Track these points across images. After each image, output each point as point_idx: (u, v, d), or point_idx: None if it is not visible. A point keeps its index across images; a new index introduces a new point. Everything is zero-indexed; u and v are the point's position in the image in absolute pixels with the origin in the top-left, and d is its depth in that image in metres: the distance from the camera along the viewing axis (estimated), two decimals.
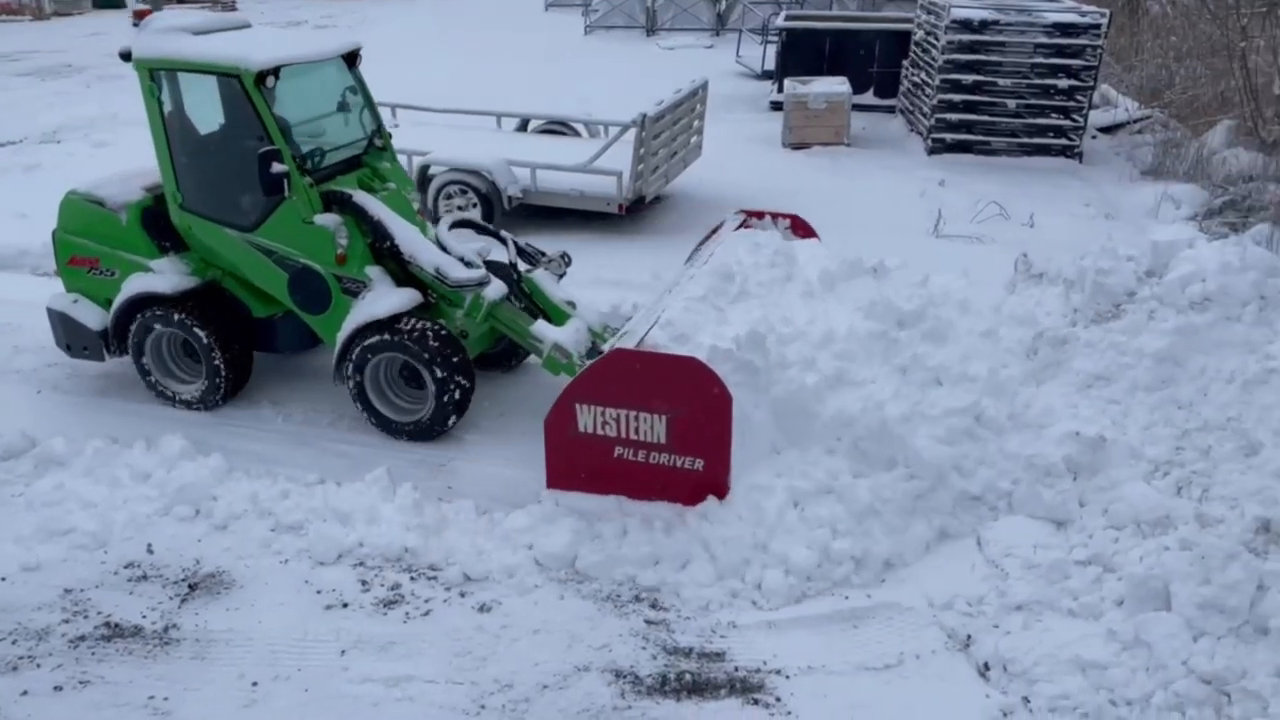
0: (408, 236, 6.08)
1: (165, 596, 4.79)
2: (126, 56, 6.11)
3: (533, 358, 6.46)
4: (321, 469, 5.75)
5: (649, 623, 4.59)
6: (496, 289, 6.15)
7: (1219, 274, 5.30)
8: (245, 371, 6.55)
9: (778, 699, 4.12)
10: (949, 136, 12.83)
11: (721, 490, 5.07)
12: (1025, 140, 12.76)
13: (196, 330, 6.21)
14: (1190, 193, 10.53)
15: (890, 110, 15.43)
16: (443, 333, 5.91)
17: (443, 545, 5.07)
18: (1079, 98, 12.59)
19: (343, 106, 6.57)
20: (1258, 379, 4.93)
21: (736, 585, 4.76)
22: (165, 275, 6.31)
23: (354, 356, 5.97)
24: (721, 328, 5.48)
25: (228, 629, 4.57)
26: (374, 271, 6.09)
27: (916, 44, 14.32)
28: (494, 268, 6.37)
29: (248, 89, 5.73)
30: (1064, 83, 12.56)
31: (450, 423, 6.03)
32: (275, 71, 5.78)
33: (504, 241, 6.57)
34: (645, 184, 9.62)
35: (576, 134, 11.44)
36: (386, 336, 5.86)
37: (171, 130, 6.16)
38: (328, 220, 5.97)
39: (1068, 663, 4.07)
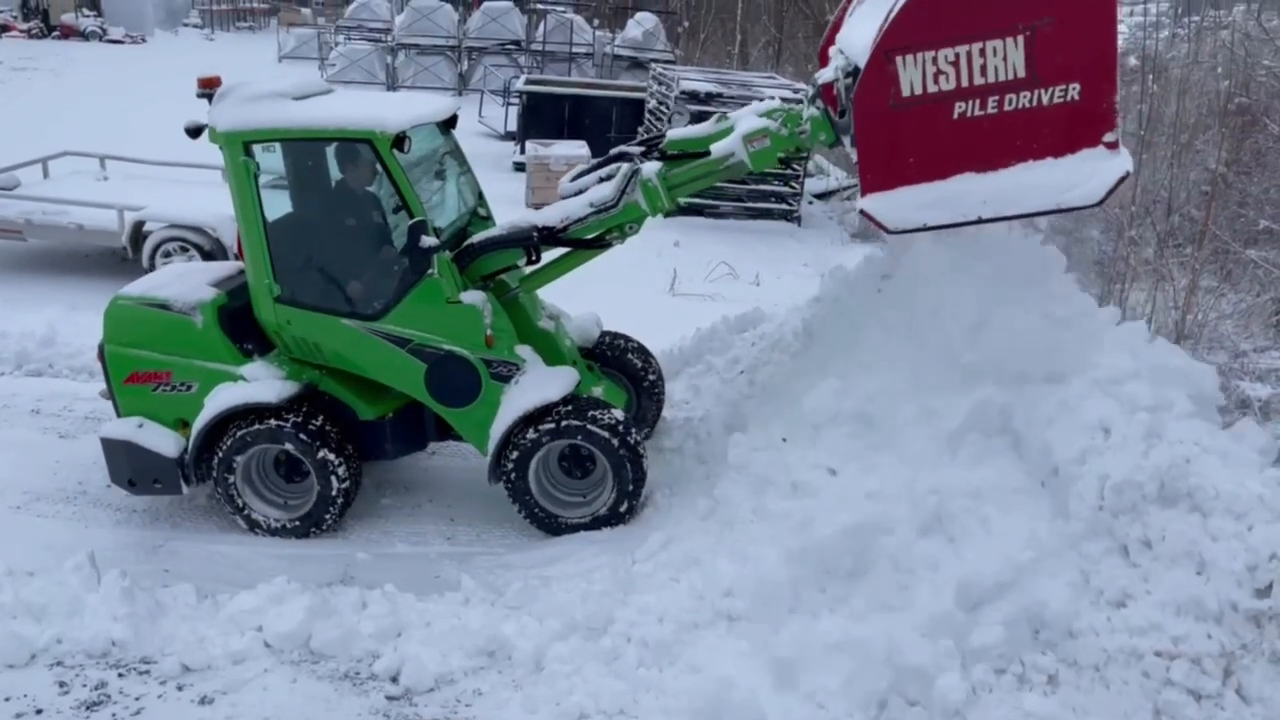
0: (545, 213, 5.52)
1: None
2: (197, 132, 5.19)
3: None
4: (7, 558, 5.06)
5: (390, 698, 4.40)
6: (649, 166, 5.51)
7: None
8: (358, 486, 5.67)
9: None
10: (682, 200, 13.55)
11: (1106, 122, 4.03)
12: (750, 205, 13.73)
13: (312, 443, 5.35)
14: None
15: None
16: (620, 412, 5.50)
17: (157, 635, 4.62)
18: (795, 166, 13.74)
19: (440, 174, 5.95)
20: None
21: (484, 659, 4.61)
22: (264, 382, 5.41)
23: (516, 451, 5.40)
24: None
25: None
26: (524, 351, 5.56)
27: (650, 112, 15.11)
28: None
29: (382, 155, 5.08)
30: None
31: (629, 514, 5.56)
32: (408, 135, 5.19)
33: (627, 156, 5.82)
34: None
35: None
36: (562, 423, 5.35)
37: (268, 211, 5.30)
38: (475, 298, 5.36)
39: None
